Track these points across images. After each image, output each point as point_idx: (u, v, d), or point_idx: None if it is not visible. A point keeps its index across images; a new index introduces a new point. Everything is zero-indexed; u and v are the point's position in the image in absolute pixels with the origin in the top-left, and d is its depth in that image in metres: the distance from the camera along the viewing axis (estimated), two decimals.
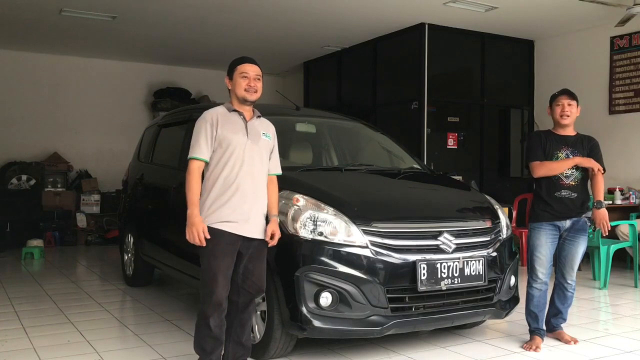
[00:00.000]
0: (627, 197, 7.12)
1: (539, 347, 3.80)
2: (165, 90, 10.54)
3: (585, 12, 7.31)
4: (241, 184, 3.07)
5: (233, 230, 3.04)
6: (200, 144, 3.09)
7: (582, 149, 3.88)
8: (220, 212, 3.04)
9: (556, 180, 3.81)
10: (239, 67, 3.18)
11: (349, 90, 9.96)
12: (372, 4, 7.23)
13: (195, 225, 3.00)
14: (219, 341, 3.10)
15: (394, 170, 4.59)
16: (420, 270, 3.39)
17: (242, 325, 3.21)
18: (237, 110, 3.18)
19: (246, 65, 3.19)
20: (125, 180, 6.26)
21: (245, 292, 3.16)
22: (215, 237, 3.02)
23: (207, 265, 3.05)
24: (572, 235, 3.87)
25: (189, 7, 7.29)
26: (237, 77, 3.16)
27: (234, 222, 3.05)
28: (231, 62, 3.25)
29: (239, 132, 3.13)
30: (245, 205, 3.08)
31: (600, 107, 7.84)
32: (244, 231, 3.08)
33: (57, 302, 5.13)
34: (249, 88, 3.15)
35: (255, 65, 3.22)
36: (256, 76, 3.18)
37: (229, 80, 3.22)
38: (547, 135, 3.92)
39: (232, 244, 3.06)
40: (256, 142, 3.17)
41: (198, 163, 3.09)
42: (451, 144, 8.56)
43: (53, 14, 7.53)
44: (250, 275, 3.15)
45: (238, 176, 3.07)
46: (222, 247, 3.03)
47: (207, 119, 3.12)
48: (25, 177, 9.31)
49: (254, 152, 3.15)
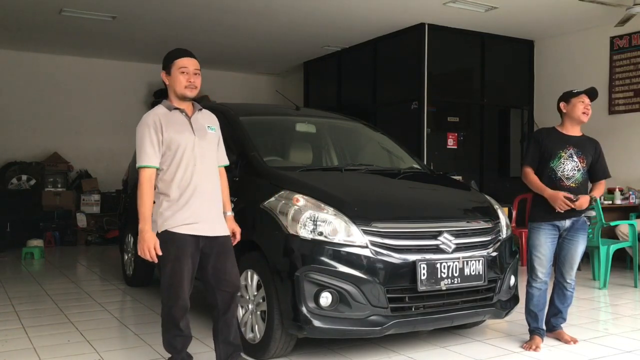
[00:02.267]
0: (627, 197, 7.12)
1: (538, 346, 3.80)
2: (166, 90, 10.49)
3: (585, 12, 7.31)
4: (198, 184, 2.98)
5: (195, 232, 2.96)
6: (147, 151, 2.94)
7: (587, 152, 3.85)
8: (179, 215, 2.95)
9: (557, 180, 3.80)
10: (177, 62, 3.02)
11: (349, 90, 9.96)
12: (372, 4, 7.23)
13: (146, 241, 2.91)
14: (188, 337, 3.12)
15: (394, 170, 4.59)
16: (420, 270, 3.39)
17: (228, 325, 3.14)
18: (178, 108, 3.06)
19: (185, 59, 3.03)
20: (125, 180, 6.26)
21: (222, 293, 3.08)
22: (177, 240, 2.94)
23: (171, 270, 2.96)
24: (572, 235, 3.87)
25: (188, 7, 7.29)
26: (176, 73, 3.02)
27: (195, 223, 2.96)
28: (167, 55, 3.10)
29: (185, 131, 3.01)
30: (204, 204, 3.00)
31: (600, 107, 7.84)
32: (206, 231, 3.00)
33: (57, 302, 5.13)
34: (189, 84, 3.01)
35: (193, 58, 3.07)
36: (195, 70, 3.04)
37: (166, 75, 3.07)
38: (549, 133, 3.90)
39: (195, 246, 2.99)
40: (203, 137, 3.07)
41: (149, 171, 2.96)
42: (451, 144, 8.56)
43: (53, 14, 7.53)
44: (222, 274, 3.07)
45: (193, 176, 2.98)
46: (184, 250, 2.95)
47: (149, 124, 2.97)
48: (25, 177, 9.32)
49: (204, 149, 3.05)
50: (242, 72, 11.44)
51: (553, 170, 3.80)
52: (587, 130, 4.00)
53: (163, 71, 3.09)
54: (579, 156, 3.82)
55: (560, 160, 3.80)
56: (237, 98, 10.46)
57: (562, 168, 3.79)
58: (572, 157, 3.81)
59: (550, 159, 3.81)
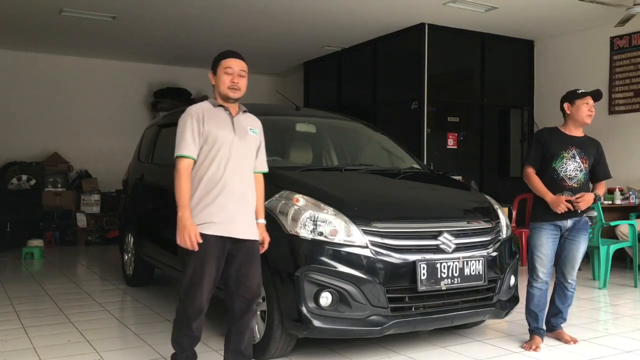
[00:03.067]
0: (627, 197, 7.12)
1: (538, 346, 3.80)
2: (165, 90, 10.54)
3: (585, 12, 7.31)
4: (228, 183, 2.92)
5: (220, 233, 2.90)
6: (187, 140, 2.92)
7: (589, 152, 3.85)
8: (206, 213, 2.89)
9: (559, 180, 3.80)
10: (223, 62, 3.02)
11: (349, 90, 9.96)
12: (372, 4, 7.23)
13: (187, 228, 2.83)
14: (197, 338, 3.10)
15: (394, 170, 4.59)
16: (420, 270, 3.40)
17: (240, 333, 3.05)
18: (223, 106, 3.04)
19: (231, 60, 3.02)
20: (125, 180, 6.26)
21: (240, 298, 3.00)
22: (202, 240, 2.88)
23: (193, 270, 2.91)
24: (573, 235, 3.87)
25: (188, 7, 7.29)
26: (221, 73, 3.01)
27: (221, 223, 2.90)
28: (216, 57, 3.10)
29: (226, 128, 2.98)
30: (232, 204, 2.93)
31: (600, 107, 7.83)
32: (231, 232, 2.93)
33: (57, 302, 5.13)
34: (233, 85, 2.99)
35: (240, 60, 3.05)
36: (240, 72, 3.02)
37: (212, 75, 3.07)
38: (552, 133, 3.90)
39: (220, 247, 2.92)
40: (243, 138, 3.03)
41: (187, 161, 2.92)
42: (451, 144, 8.56)
43: (53, 14, 7.53)
44: (244, 279, 2.99)
45: (224, 174, 2.92)
46: (210, 251, 2.89)
47: (192, 114, 2.96)
48: (25, 177, 9.31)
49: (241, 149, 3.00)
50: None
51: (555, 171, 3.80)
52: (587, 130, 3.99)
53: (210, 71, 3.09)
54: (581, 157, 3.81)
55: (563, 161, 3.80)
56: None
57: (564, 168, 3.79)
58: (574, 158, 3.80)
59: (552, 160, 3.81)
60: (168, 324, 4.41)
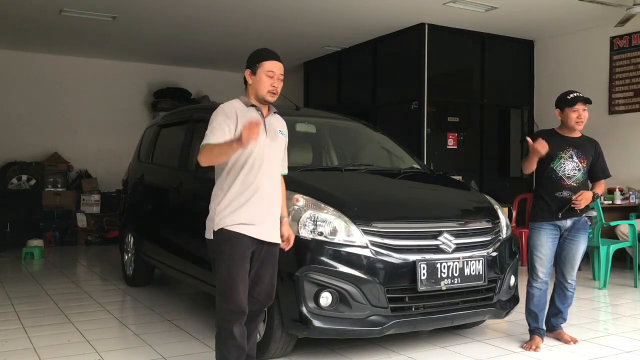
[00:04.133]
0: (627, 197, 7.12)
1: (538, 346, 3.80)
2: (165, 90, 10.54)
3: (585, 12, 7.31)
4: (260, 185, 2.89)
5: (250, 234, 2.86)
6: (215, 132, 2.81)
7: (587, 152, 3.86)
8: (238, 214, 2.85)
9: (558, 180, 3.80)
10: (265, 64, 2.94)
11: (349, 90, 9.96)
12: (372, 4, 7.23)
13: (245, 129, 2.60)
14: (243, 350, 2.92)
15: (394, 170, 4.59)
16: (420, 270, 3.40)
17: (249, 335, 3.00)
18: (255, 106, 2.97)
19: (273, 63, 2.96)
20: (125, 180, 6.26)
21: (254, 300, 2.95)
22: (233, 240, 2.84)
23: (226, 272, 2.84)
24: (573, 235, 3.87)
25: (189, 7, 7.29)
26: (262, 75, 2.93)
27: (251, 224, 2.86)
28: (254, 54, 3.01)
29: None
30: (263, 207, 2.90)
31: (600, 107, 7.84)
32: (260, 234, 2.89)
33: (57, 302, 5.13)
34: (273, 89, 2.94)
35: (280, 63, 3.00)
36: (280, 76, 2.98)
37: (250, 74, 2.98)
38: (550, 135, 3.91)
39: (249, 248, 2.89)
40: (274, 140, 3.00)
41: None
42: (451, 144, 8.56)
43: (53, 14, 7.53)
44: (261, 282, 2.96)
45: (257, 177, 2.88)
46: (241, 252, 2.85)
47: (225, 110, 2.90)
48: (25, 177, 9.31)
49: (272, 151, 2.97)
50: (242, 72, 11.42)
51: (554, 171, 3.80)
52: (587, 130, 3.99)
53: (248, 69, 3.00)
54: (579, 157, 3.82)
55: (561, 161, 3.81)
56: None
57: (562, 168, 3.80)
58: (572, 158, 3.81)
59: (550, 161, 3.82)
60: (168, 324, 4.42)
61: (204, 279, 4.26)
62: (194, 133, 4.94)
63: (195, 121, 4.97)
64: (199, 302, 5.21)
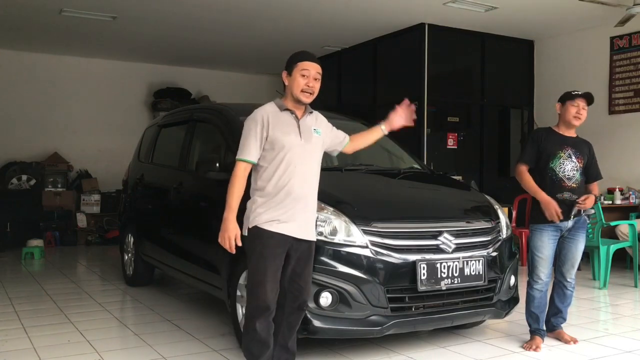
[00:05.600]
0: (627, 197, 7.12)
1: (539, 347, 3.80)
2: (165, 90, 10.54)
3: (585, 12, 7.31)
4: (294, 186, 2.95)
5: (282, 231, 2.92)
6: (249, 145, 2.96)
7: (583, 152, 3.87)
8: (270, 213, 2.93)
9: (558, 181, 3.80)
10: (300, 64, 3.00)
11: (349, 90, 9.96)
12: (372, 4, 7.23)
13: (228, 231, 2.91)
14: (267, 345, 2.98)
15: (394, 170, 4.59)
16: (420, 270, 3.40)
17: (290, 328, 3.09)
18: (289, 109, 3.04)
19: (308, 62, 3.01)
20: (125, 180, 6.26)
21: (291, 296, 3.04)
22: (264, 237, 2.91)
23: (254, 268, 2.93)
24: (573, 234, 3.87)
25: (189, 7, 7.29)
26: (297, 75, 2.99)
27: (284, 222, 2.93)
28: (292, 56, 3.07)
29: (292, 132, 3.00)
30: (298, 206, 2.97)
31: (600, 107, 7.84)
32: (293, 232, 2.95)
33: (57, 302, 5.13)
34: (307, 89, 3.00)
35: (316, 63, 3.04)
36: (316, 75, 3.02)
37: (287, 76, 3.04)
38: (548, 134, 3.91)
39: (281, 246, 2.94)
40: (309, 141, 3.05)
41: (245, 165, 2.98)
42: (451, 144, 8.56)
43: (53, 14, 7.53)
44: (297, 279, 3.03)
45: (291, 179, 2.95)
46: (271, 249, 2.91)
47: (257, 120, 2.98)
48: (25, 177, 9.31)
49: (306, 153, 3.03)
50: (242, 72, 11.44)
51: (553, 171, 3.80)
52: (587, 130, 4.00)
53: (285, 71, 3.06)
54: (577, 156, 3.83)
55: (560, 161, 3.80)
56: (237, 98, 10.45)
57: (562, 169, 3.79)
58: (570, 158, 3.82)
59: (549, 160, 3.82)
60: (168, 324, 4.42)
61: (203, 279, 4.26)
62: (194, 133, 4.94)
63: (196, 121, 4.97)
64: (199, 302, 5.21)
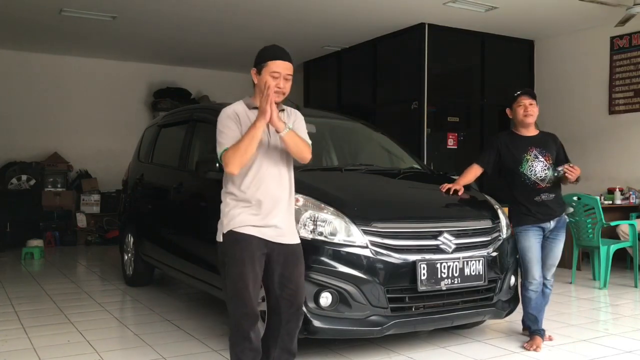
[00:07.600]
0: (627, 197, 7.12)
1: (539, 346, 3.80)
2: (165, 90, 10.54)
3: (585, 12, 7.31)
4: (263, 188, 2.80)
5: (259, 234, 2.77)
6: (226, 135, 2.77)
7: (550, 148, 3.90)
8: (244, 216, 2.77)
9: (532, 185, 3.82)
10: (270, 64, 2.83)
11: (349, 90, 9.96)
12: (372, 4, 7.23)
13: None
14: (259, 352, 2.84)
15: (394, 170, 4.59)
16: (420, 270, 3.40)
17: (290, 334, 2.92)
18: (257, 107, 2.84)
19: (278, 63, 2.84)
20: (125, 180, 6.26)
21: (285, 302, 2.86)
22: (241, 241, 2.75)
23: (235, 274, 2.75)
24: (555, 234, 3.90)
25: (188, 7, 7.29)
26: (266, 75, 2.81)
27: (260, 226, 2.78)
28: (261, 52, 2.91)
29: None
30: (270, 208, 2.80)
31: (600, 107, 7.82)
32: (272, 236, 2.80)
33: (57, 302, 5.13)
34: (277, 90, 2.82)
35: (287, 61, 2.88)
36: (287, 76, 2.85)
37: (256, 74, 2.88)
38: (511, 138, 3.95)
39: (261, 249, 2.78)
40: (278, 140, 2.87)
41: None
42: (451, 144, 8.56)
43: (53, 14, 7.53)
44: (288, 283, 2.84)
45: (262, 179, 2.80)
46: (250, 253, 2.75)
47: (229, 115, 2.84)
48: (25, 177, 9.30)
49: (275, 152, 2.87)
50: (242, 72, 11.43)
51: (526, 175, 3.84)
52: (587, 130, 4.00)
53: (254, 68, 2.89)
54: (543, 155, 3.85)
55: (528, 164, 3.83)
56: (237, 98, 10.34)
57: (532, 171, 3.82)
58: (537, 158, 3.84)
59: (518, 165, 3.85)
60: (168, 324, 4.41)
61: (203, 279, 4.26)
62: (194, 133, 4.94)
63: (196, 121, 4.97)
64: (199, 302, 5.21)
